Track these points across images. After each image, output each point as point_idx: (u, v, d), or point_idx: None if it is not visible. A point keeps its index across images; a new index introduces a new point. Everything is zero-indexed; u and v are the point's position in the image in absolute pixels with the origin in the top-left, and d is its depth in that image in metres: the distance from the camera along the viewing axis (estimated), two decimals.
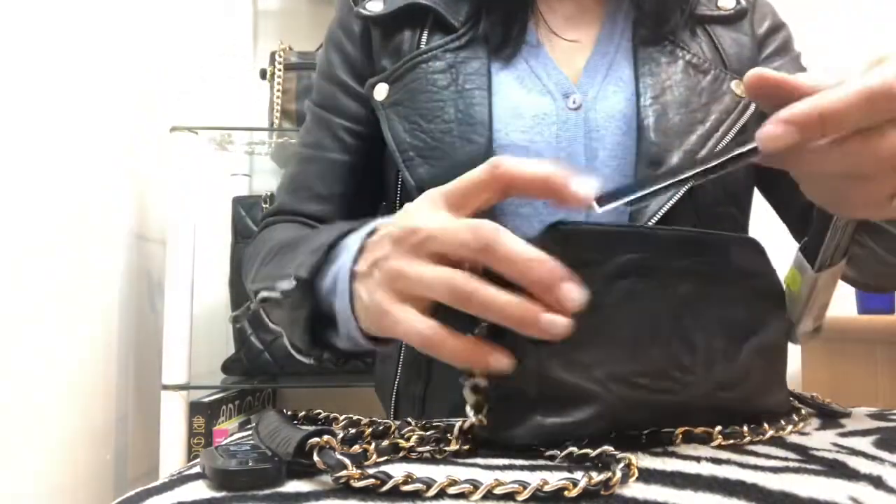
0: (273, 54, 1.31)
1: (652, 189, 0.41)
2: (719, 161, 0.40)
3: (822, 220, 0.54)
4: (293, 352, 0.57)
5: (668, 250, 0.45)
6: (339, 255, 0.49)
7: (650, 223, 0.62)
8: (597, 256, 0.43)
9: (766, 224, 0.76)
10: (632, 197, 0.41)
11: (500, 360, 0.39)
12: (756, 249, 0.49)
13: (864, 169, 0.39)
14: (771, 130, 0.37)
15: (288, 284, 0.51)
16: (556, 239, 0.42)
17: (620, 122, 0.66)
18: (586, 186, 0.40)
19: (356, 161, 0.74)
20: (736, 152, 0.40)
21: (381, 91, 0.69)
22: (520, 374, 0.40)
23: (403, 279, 0.42)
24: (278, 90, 1.29)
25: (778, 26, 0.76)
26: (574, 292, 0.37)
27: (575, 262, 0.39)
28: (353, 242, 0.48)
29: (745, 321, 0.47)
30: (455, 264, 0.40)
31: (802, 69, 0.76)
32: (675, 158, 0.64)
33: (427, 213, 0.43)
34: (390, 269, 0.43)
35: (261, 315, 0.61)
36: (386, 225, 0.45)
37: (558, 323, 0.37)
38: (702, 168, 0.40)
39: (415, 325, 0.41)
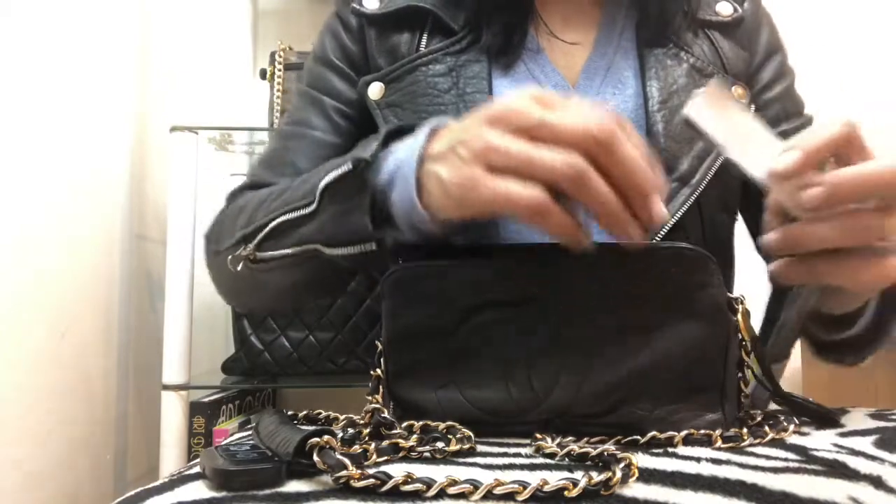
0: (273, 54, 1.31)
1: None
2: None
3: (768, 324, 0.55)
4: (328, 251, 0.54)
5: (537, 278, 0.46)
6: (396, 151, 0.51)
7: (662, 233, 0.63)
8: (448, 292, 0.47)
9: None
10: None
11: (589, 240, 0.44)
12: (676, 261, 0.46)
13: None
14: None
15: (338, 173, 0.52)
16: (401, 279, 0.48)
17: None
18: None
19: (345, 144, 0.73)
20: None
21: (375, 90, 0.69)
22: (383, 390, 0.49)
23: (504, 155, 0.44)
24: (278, 90, 1.29)
25: (776, 48, 0.77)
26: (661, 208, 0.44)
27: (421, 298, 0.47)
28: (414, 138, 0.51)
29: (629, 342, 0.45)
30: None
31: (796, 98, 0.78)
32: (684, 165, 0.64)
33: (531, 104, 0.45)
34: (484, 146, 0.45)
35: (254, 270, 0.59)
36: (454, 123, 0.49)
37: (639, 234, 0.44)
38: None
39: (522, 192, 0.43)
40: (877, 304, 0.59)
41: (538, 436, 0.44)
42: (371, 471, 0.34)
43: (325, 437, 0.36)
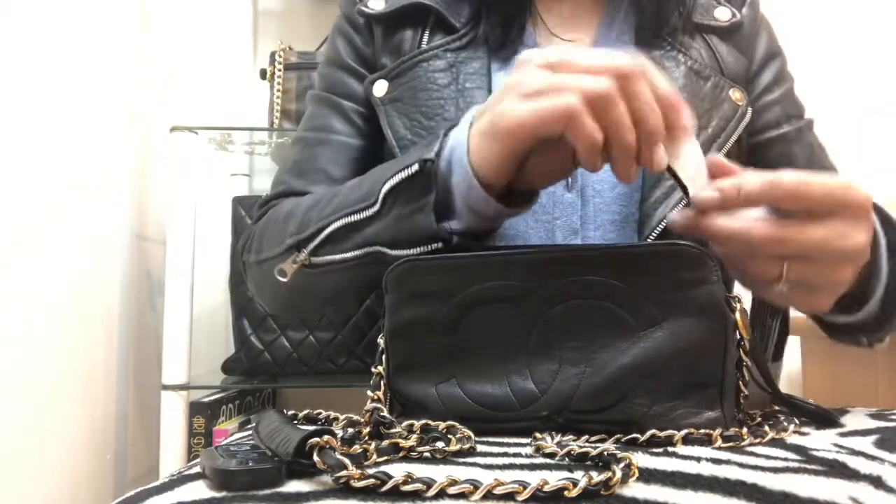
0: (273, 54, 1.31)
1: None
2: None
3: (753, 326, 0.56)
4: (393, 252, 0.54)
5: (536, 273, 0.46)
6: (449, 140, 0.53)
7: (655, 232, 0.63)
8: (448, 287, 0.47)
9: None
10: None
11: (602, 164, 0.47)
12: (674, 259, 0.46)
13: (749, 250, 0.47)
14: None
15: (404, 175, 0.53)
16: (403, 273, 0.49)
17: None
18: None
19: (368, 145, 0.74)
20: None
21: (380, 87, 0.70)
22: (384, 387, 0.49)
23: (531, 83, 0.46)
24: (278, 90, 1.29)
25: (774, 53, 0.77)
26: (661, 157, 0.46)
27: (423, 293, 0.48)
28: (462, 121, 0.53)
29: (628, 338, 0.45)
30: None
31: (796, 102, 0.78)
32: None
33: (557, 49, 0.48)
34: (512, 81, 0.47)
35: (306, 275, 0.60)
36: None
37: (633, 175, 0.47)
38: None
39: (553, 101, 0.45)
40: (882, 292, 0.58)
41: (538, 435, 0.44)
42: (371, 471, 0.34)
43: (325, 437, 0.36)
